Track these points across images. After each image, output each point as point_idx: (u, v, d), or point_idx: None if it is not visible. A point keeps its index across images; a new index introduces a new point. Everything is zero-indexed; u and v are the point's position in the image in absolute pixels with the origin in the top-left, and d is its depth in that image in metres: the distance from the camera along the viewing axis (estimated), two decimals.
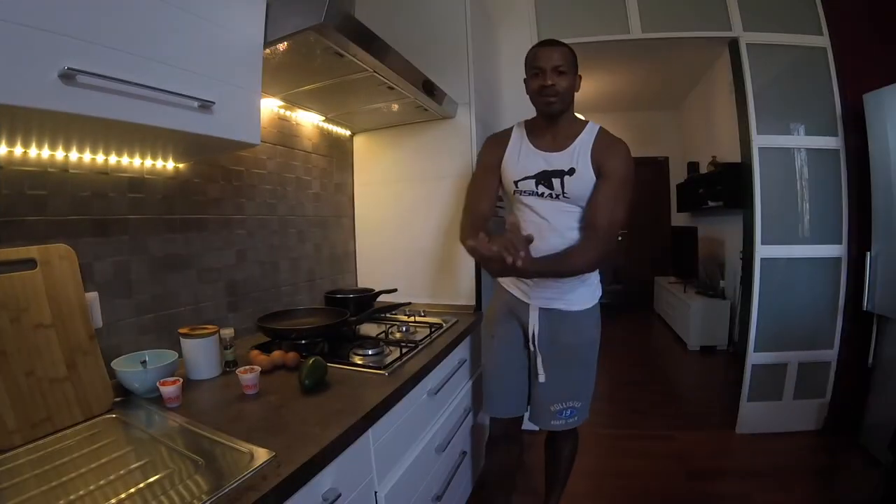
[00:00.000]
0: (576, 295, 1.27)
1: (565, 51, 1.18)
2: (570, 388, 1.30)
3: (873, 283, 1.92)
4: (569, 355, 1.28)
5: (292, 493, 0.65)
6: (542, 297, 1.27)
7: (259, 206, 1.46)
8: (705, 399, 2.71)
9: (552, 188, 1.21)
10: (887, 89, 1.84)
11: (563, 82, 1.16)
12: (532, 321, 1.29)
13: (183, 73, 0.79)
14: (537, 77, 1.18)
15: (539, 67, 1.17)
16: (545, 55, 1.17)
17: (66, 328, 0.83)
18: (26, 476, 0.66)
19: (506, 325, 1.35)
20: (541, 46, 1.20)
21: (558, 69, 1.15)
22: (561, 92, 1.17)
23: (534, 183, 1.23)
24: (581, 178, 1.18)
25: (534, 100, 1.22)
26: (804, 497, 1.71)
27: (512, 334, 1.34)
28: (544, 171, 1.22)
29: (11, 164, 0.84)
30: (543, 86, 1.16)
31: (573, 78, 1.19)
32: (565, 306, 1.26)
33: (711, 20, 2.16)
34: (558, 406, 1.30)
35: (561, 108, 1.19)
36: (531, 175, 1.23)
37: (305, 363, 0.97)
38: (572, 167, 1.19)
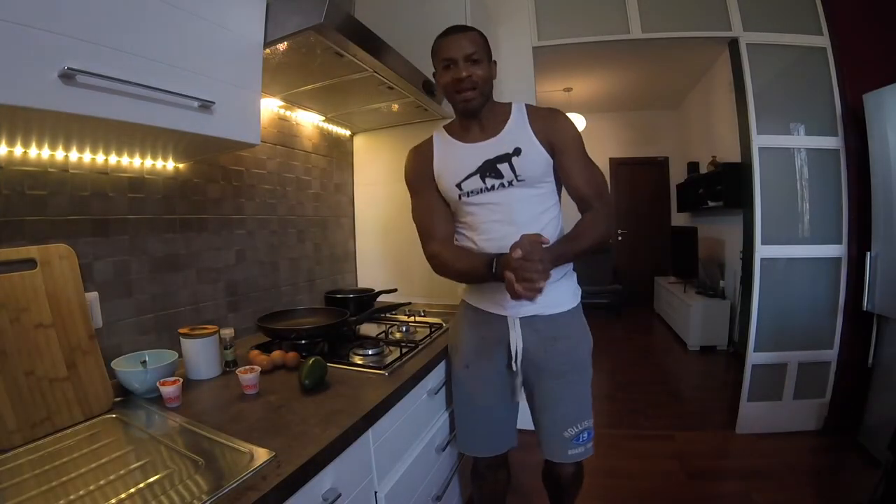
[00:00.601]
0: (559, 293, 1.11)
1: (475, 36, 1.04)
2: (578, 404, 1.13)
3: (873, 283, 1.92)
4: (568, 366, 1.11)
5: (292, 493, 0.65)
6: (519, 304, 1.02)
7: (259, 206, 1.46)
8: (705, 399, 2.71)
9: (501, 176, 1.06)
10: (887, 89, 1.84)
11: (478, 71, 1.02)
12: (514, 336, 1.09)
13: (183, 73, 0.79)
14: (448, 70, 1.04)
15: (449, 58, 1.03)
16: (454, 44, 1.02)
17: (66, 328, 0.84)
18: (26, 476, 0.66)
19: (481, 350, 1.14)
20: (447, 35, 1.05)
21: (471, 58, 1.01)
22: (479, 83, 1.03)
23: (479, 178, 1.08)
24: (531, 156, 1.06)
25: (449, 96, 1.08)
26: (804, 497, 1.71)
27: (490, 360, 1.14)
28: (487, 160, 1.07)
29: (11, 164, 0.84)
30: (458, 79, 1.02)
31: (489, 65, 1.06)
32: (548, 309, 1.09)
33: (711, 20, 2.16)
34: (573, 430, 1.12)
35: (481, 101, 1.06)
36: (473, 171, 1.08)
37: (305, 363, 0.97)
38: (517, 147, 1.06)
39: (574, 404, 1.13)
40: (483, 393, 1.17)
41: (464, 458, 1.42)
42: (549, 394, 1.13)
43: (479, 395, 1.17)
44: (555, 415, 1.13)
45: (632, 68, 3.86)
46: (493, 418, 1.18)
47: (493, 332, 1.13)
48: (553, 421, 1.13)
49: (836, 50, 2.07)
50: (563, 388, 1.12)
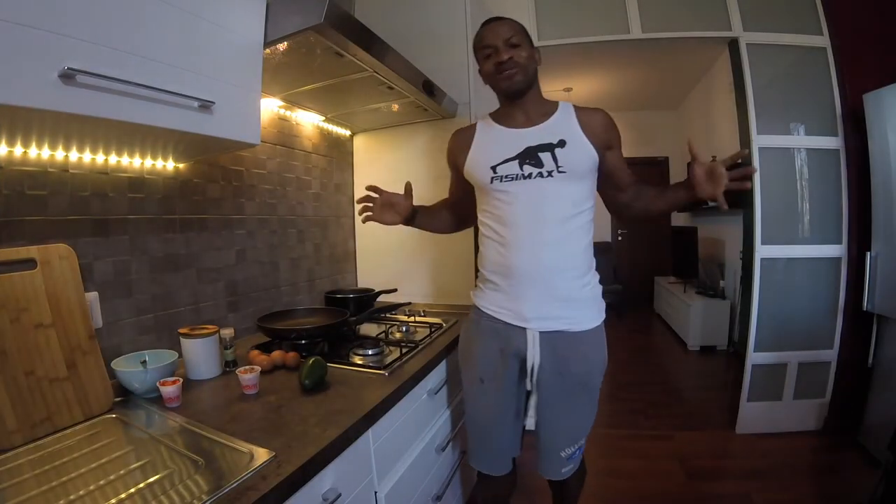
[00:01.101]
0: (584, 311, 1.05)
1: (514, 23, 1.05)
2: (579, 427, 1.11)
3: (873, 283, 1.92)
4: (576, 387, 1.06)
5: (292, 493, 0.65)
6: (542, 318, 1.02)
7: (259, 206, 1.46)
8: (705, 399, 2.71)
9: (541, 165, 1.02)
10: (887, 89, 1.84)
11: (521, 53, 1.02)
12: (531, 351, 1.03)
13: (183, 73, 0.79)
14: (489, 58, 1.04)
15: (489, 45, 1.03)
16: (492, 31, 1.04)
17: (66, 328, 0.84)
18: (26, 476, 0.66)
19: (496, 364, 1.08)
20: (486, 25, 1.06)
21: (510, 41, 1.02)
22: (521, 63, 1.02)
23: (517, 164, 1.04)
24: (577, 150, 1.03)
25: (493, 83, 1.07)
26: (804, 497, 1.71)
27: (505, 375, 1.08)
28: (528, 147, 1.04)
29: (11, 164, 0.84)
30: (499, 62, 1.01)
31: (531, 50, 1.05)
32: (570, 326, 1.03)
33: (711, 20, 2.16)
34: (569, 451, 1.10)
35: (524, 80, 1.03)
36: (512, 156, 1.05)
37: (305, 363, 0.97)
38: (562, 139, 1.03)
39: (576, 426, 1.11)
40: (497, 410, 1.11)
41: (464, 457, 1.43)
42: (555, 413, 1.08)
43: (494, 413, 1.12)
44: (556, 434, 1.10)
45: (632, 68, 3.85)
46: (506, 436, 1.14)
47: (510, 344, 1.06)
48: (553, 439, 1.10)
49: (836, 50, 2.07)
50: (569, 410, 1.08)
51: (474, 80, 1.74)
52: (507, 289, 1.06)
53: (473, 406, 1.15)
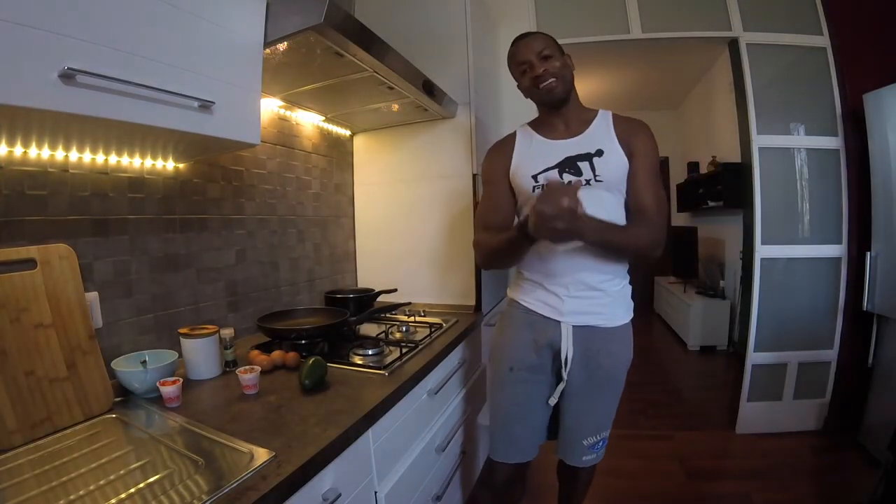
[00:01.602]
0: (615, 308, 1.11)
1: (544, 37, 1.10)
2: (603, 417, 1.17)
3: (873, 283, 1.92)
4: (602, 382, 1.12)
5: (292, 493, 0.65)
6: (577, 312, 1.09)
7: (259, 206, 1.46)
8: (705, 399, 2.71)
9: (580, 174, 1.08)
10: (887, 89, 1.84)
11: (554, 63, 1.07)
12: (565, 343, 1.10)
13: (183, 73, 0.79)
14: (526, 73, 1.10)
15: (524, 61, 1.09)
16: (525, 47, 1.09)
17: (66, 328, 0.84)
18: (26, 476, 0.66)
19: (529, 353, 1.14)
20: (517, 42, 1.12)
21: (542, 54, 1.07)
22: (557, 74, 1.07)
23: (557, 172, 1.09)
24: (612, 159, 1.07)
25: (532, 96, 1.13)
26: (804, 497, 1.71)
27: (538, 364, 1.14)
28: (568, 157, 1.09)
29: (11, 164, 0.84)
30: (536, 76, 1.07)
31: (563, 59, 1.10)
32: (604, 322, 1.10)
33: (711, 20, 2.16)
34: (591, 440, 1.16)
35: (564, 89, 1.09)
36: (553, 165, 1.10)
37: (305, 363, 0.97)
38: (599, 149, 1.08)
39: (600, 416, 1.16)
40: (525, 397, 1.16)
41: (464, 457, 1.43)
42: (580, 402, 1.14)
43: (524, 401, 1.17)
44: (580, 423, 1.16)
45: (632, 68, 3.86)
46: (532, 424, 1.18)
47: (544, 336, 1.13)
48: (577, 428, 1.16)
49: (836, 50, 2.07)
50: (594, 400, 1.14)
51: (474, 81, 1.74)
52: (547, 286, 1.12)
53: (501, 394, 1.20)
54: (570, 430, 1.17)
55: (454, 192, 1.77)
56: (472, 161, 1.73)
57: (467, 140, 1.74)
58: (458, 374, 1.42)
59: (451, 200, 1.78)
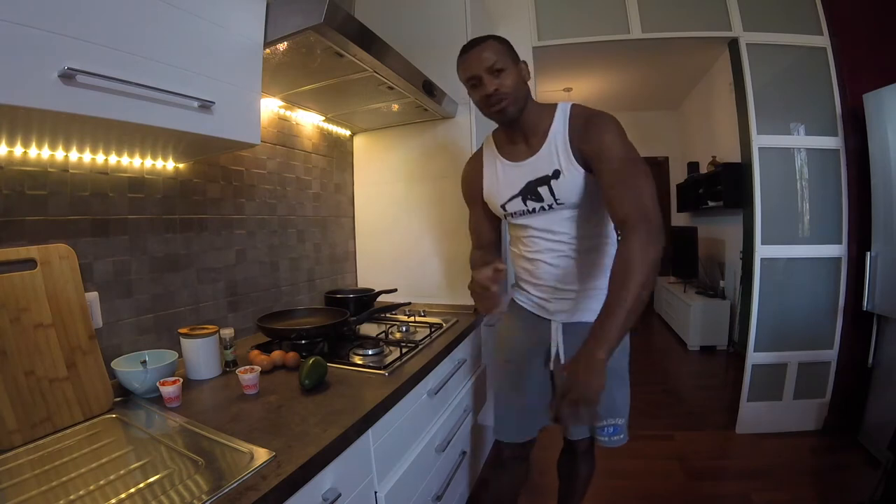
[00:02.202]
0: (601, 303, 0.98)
1: (493, 44, 1.01)
2: (610, 406, 1.17)
3: (873, 283, 1.92)
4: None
5: (292, 493, 0.65)
6: (563, 311, 1.13)
7: (259, 206, 1.46)
8: (705, 399, 2.71)
9: (541, 199, 1.06)
10: (887, 89, 1.84)
11: (506, 81, 0.99)
12: (555, 340, 1.14)
13: (183, 73, 0.79)
14: (475, 88, 1.03)
15: (472, 76, 1.01)
16: (473, 60, 1.00)
17: (66, 328, 0.84)
18: (26, 476, 0.66)
19: (523, 348, 1.20)
20: (464, 53, 1.03)
21: (493, 68, 0.98)
22: (508, 92, 0.99)
23: (521, 200, 1.09)
24: (568, 177, 1.02)
25: (485, 113, 1.06)
26: (804, 497, 1.71)
27: (530, 359, 1.20)
28: (528, 182, 1.06)
29: (11, 164, 0.84)
30: (486, 95, 1.00)
31: (516, 69, 1.01)
32: (591, 317, 1.04)
33: (711, 20, 2.16)
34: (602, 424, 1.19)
35: (516, 107, 1.02)
36: (516, 193, 1.09)
37: (305, 363, 0.97)
38: (556, 169, 1.03)
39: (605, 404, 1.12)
40: (519, 387, 1.22)
41: (464, 457, 1.43)
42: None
43: (515, 389, 1.23)
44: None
45: (632, 68, 3.85)
46: (526, 409, 1.23)
47: (537, 333, 1.19)
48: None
49: (836, 50, 2.07)
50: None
51: None
52: (534, 292, 1.18)
53: (499, 382, 1.28)
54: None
55: (454, 192, 1.76)
56: None
57: (467, 140, 1.74)
58: (458, 374, 1.42)
59: (451, 200, 1.78)
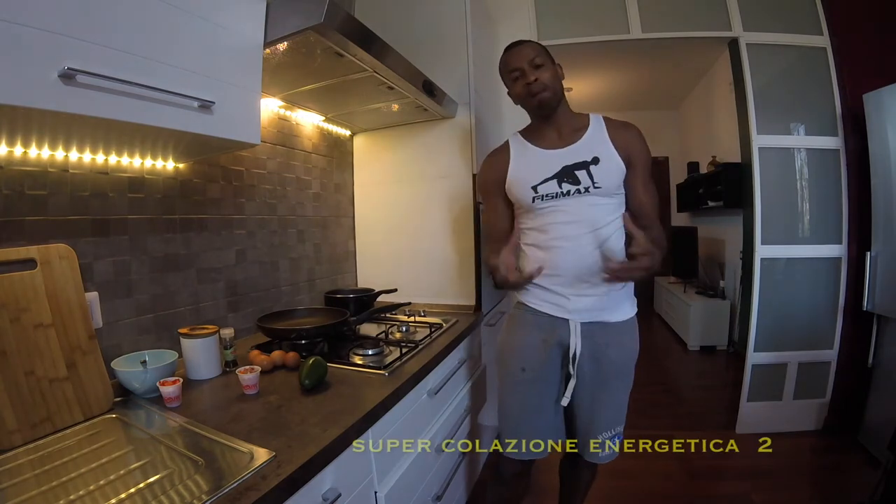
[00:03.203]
0: (619, 303, 1.14)
1: (535, 45, 1.13)
2: (616, 411, 1.18)
3: (873, 283, 1.92)
4: (612, 374, 1.14)
5: (292, 493, 0.65)
6: (583, 310, 1.12)
7: (259, 206, 1.46)
8: (705, 399, 2.71)
9: (579, 182, 1.10)
10: (887, 89, 1.84)
11: (545, 73, 1.10)
12: (574, 339, 1.12)
13: (183, 73, 0.79)
14: (518, 80, 1.12)
15: (516, 69, 1.12)
16: (517, 55, 1.12)
17: (66, 328, 0.84)
18: (26, 476, 0.66)
19: (540, 354, 1.16)
20: (509, 50, 1.15)
21: (534, 63, 1.10)
22: (548, 83, 1.10)
23: (556, 183, 1.11)
24: (609, 166, 1.09)
25: (524, 104, 1.15)
26: (804, 497, 1.71)
27: (549, 364, 1.16)
28: (565, 166, 1.11)
29: (11, 164, 0.84)
30: (528, 84, 1.10)
31: (554, 68, 1.12)
32: (609, 317, 1.13)
33: (711, 20, 2.16)
34: (607, 434, 1.18)
35: (554, 98, 1.12)
36: (551, 175, 1.12)
37: (305, 363, 0.97)
38: (595, 156, 1.10)
39: (612, 410, 1.17)
40: (539, 397, 1.17)
41: (464, 458, 1.43)
42: (593, 398, 1.16)
43: (536, 399, 1.17)
44: (595, 418, 1.17)
45: (632, 68, 3.85)
46: (545, 423, 1.19)
47: (552, 334, 1.15)
48: (593, 424, 1.17)
49: (836, 50, 2.07)
50: (606, 394, 1.16)
51: (474, 81, 1.74)
52: (552, 287, 1.14)
53: (513, 395, 1.20)
54: (586, 426, 1.18)
55: (454, 192, 1.77)
56: (472, 161, 1.73)
57: (467, 140, 1.74)
58: (458, 374, 1.42)
59: (451, 200, 1.78)
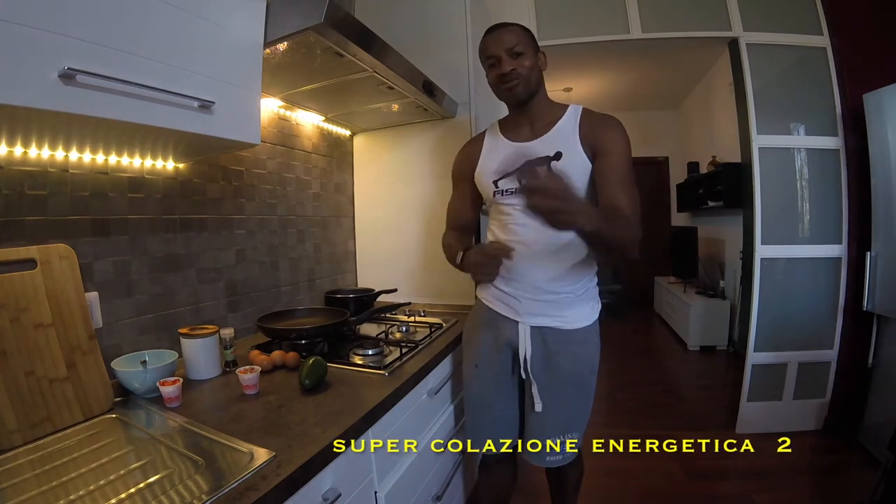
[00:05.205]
0: (575, 310, 1.09)
1: (517, 30, 1.05)
2: (568, 419, 1.13)
3: (873, 283, 1.92)
4: (566, 383, 1.10)
5: (292, 493, 0.65)
6: (534, 313, 1.09)
7: (259, 206, 1.46)
8: (705, 399, 2.71)
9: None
10: (887, 89, 1.84)
11: (524, 62, 1.03)
12: (523, 343, 1.09)
13: (183, 73, 0.79)
14: (493, 68, 1.06)
15: (492, 55, 1.05)
16: (496, 41, 1.05)
17: (66, 328, 0.84)
18: (26, 476, 0.66)
19: (490, 350, 1.16)
20: (489, 33, 1.07)
21: (513, 51, 1.03)
22: (523, 74, 1.03)
23: (516, 178, 1.07)
24: (571, 162, 1.02)
25: (496, 92, 1.10)
26: (804, 497, 1.71)
27: (499, 362, 1.15)
28: (527, 160, 1.05)
29: (11, 164, 0.84)
30: (502, 73, 1.04)
31: (534, 57, 1.05)
32: (562, 324, 1.08)
33: (711, 20, 2.16)
34: (556, 440, 1.13)
35: (526, 90, 1.05)
36: (512, 171, 1.07)
37: (305, 363, 0.97)
38: (558, 151, 1.03)
39: (564, 418, 1.12)
40: (491, 392, 1.18)
41: (467, 457, 1.42)
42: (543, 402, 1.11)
43: (487, 394, 1.18)
44: (542, 423, 1.12)
45: (632, 68, 3.85)
46: (499, 415, 1.19)
47: (504, 334, 1.14)
48: (540, 428, 1.13)
49: (836, 50, 2.07)
50: (556, 401, 1.11)
51: (474, 80, 1.74)
52: (504, 286, 1.13)
53: (469, 389, 1.22)
54: (532, 429, 1.14)
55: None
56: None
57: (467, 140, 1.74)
58: (458, 374, 1.42)
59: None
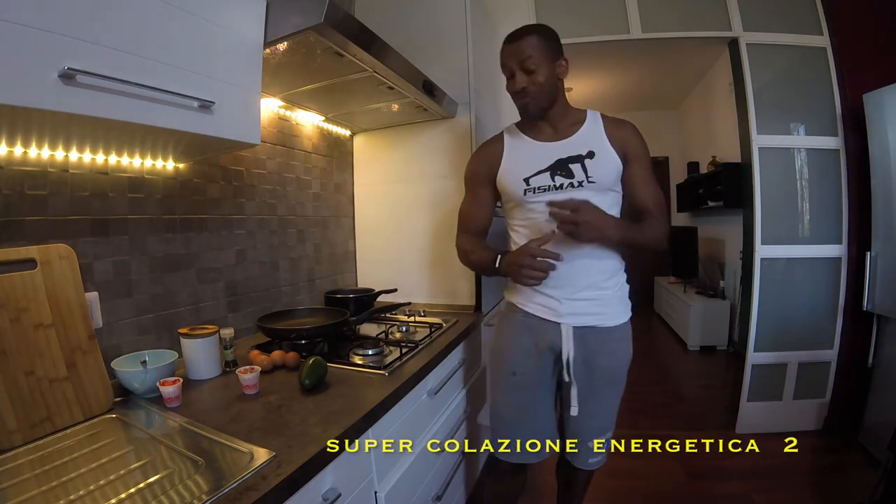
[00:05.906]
0: (613, 307, 1.11)
1: (533, 40, 1.02)
2: (607, 418, 1.16)
3: (873, 283, 1.92)
4: (604, 380, 1.12)
5: (292, 494, 0.65)
6: (575, 313, 1.08)
7: (259, 206, 1.46)
8: (705, 399, 2.71)
9: (572, 176, 1.06)
10: (887, 89, 1.84)
11: (537, 79, 1.02)
12: (566, 345, 1.09)
13: (183, 73, 0.79)
14: (508, 80, 1.08)
15: (507, 67, 1.06)
16: (511, 51, 1.04)
17: (66, 328, 0.83)
18: (26, 476, 0.66)
19: (530, 357, 1.14)
20: (507, 41, 1.06)
21: (526, 66, 1.02)
22: (535, 92, 1.04)
23: (549, 175, 1.07)
24: (605, 161, 1.06)
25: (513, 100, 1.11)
26: (804, 497, 1.71)
27: (539, 367, 1.14)
28: (559, 159, 1.07)
29: (11, 164, 0.84)
30: (514, 91, 1.06)
31: (549, 68, 1.04)
32: (602, 321, 1.10)
33: (711, 20, 2.16)
34: (599, 440, 1.17)
35: (538, 107, 1.07)
36: (544, 168, 1.08)
37: (305, 363, 0.97)
38: (591, 150, 1.06)
39: (605, 417, 1.17)
40: (532, 400, 1.16)
41: (467, 457, 1.42)
42: (585, 404, 1.14)
43: (530, 401, 1.16)
44: (587, 425, 1.16)
45: (632, 68, 3.85)
46: (542, 420, 1.17)
47: (544, 338, 1.12)
48: (584, 430, 1.17)
49: (836, 50, 2.07)
50: (598, 401, 1.14)
51: (474, 80, 1.74)
52: (543, 289, 1.11)
53: (504, 399, 1.19)
54: (577, 433, 1.18)
55: (454, 193, 1.76)
56: None
57: (467, 140, 1.74)
58: (458, 374, 1.42)
59: (451, 200, 1.77)
